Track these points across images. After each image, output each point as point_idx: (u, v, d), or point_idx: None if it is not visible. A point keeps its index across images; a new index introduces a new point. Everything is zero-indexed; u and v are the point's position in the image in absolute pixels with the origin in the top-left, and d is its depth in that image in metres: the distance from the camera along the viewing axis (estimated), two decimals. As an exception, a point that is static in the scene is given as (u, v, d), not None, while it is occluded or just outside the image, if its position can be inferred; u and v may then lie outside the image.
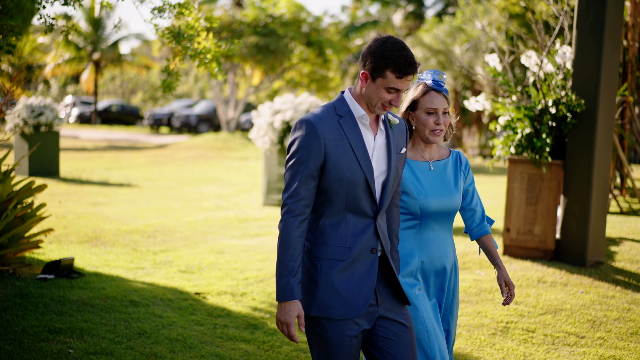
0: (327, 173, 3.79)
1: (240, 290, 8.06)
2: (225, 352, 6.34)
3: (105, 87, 71.70)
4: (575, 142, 9.27)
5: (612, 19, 9.06)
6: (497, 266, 4.59)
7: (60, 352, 6.04)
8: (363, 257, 3.85)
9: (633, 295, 8.31)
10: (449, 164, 4.61)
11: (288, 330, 3.75)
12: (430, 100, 4.44)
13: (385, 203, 3.89)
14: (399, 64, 3.72)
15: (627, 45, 15.01)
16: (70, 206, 13.31)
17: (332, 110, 3.87)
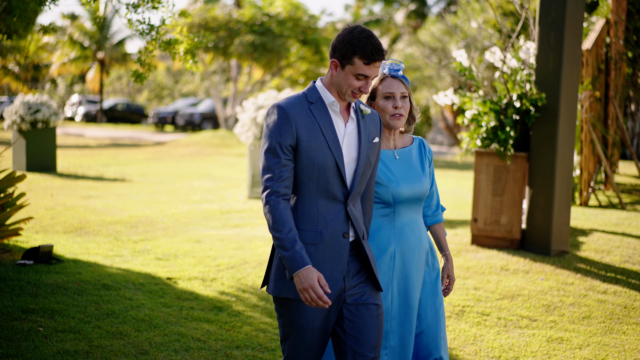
0: (299, 157, 3.89)
1: (210, 276, 8.39)
2: (187, 331, 6.68)
3: (112, 85, 72.11)
4: (538, 135, 9.59)
5: (572, 15, 9.36)
6: (445, 257, 4.73)
7: (31, 330, 6.38)
8: (334, 241, 3.95)
9: (592, 282, 8.62)
10: (413, 151, 4.69)
11: (316, 292, 3.76)
12: (388, 86, 4.54)
13: (356, 188, 3.99)
14: (366, 51, 3.85)
15: (610, 42, 15.28)
16: (61, 199, 13.68)
17: (304, 97, 4.00)
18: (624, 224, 11.52)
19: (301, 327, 3.96)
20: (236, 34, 29.03)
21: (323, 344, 4.05)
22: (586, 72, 13.25)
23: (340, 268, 3.96)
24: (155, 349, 6.23)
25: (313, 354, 4.03)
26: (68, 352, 5.99)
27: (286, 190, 3.86)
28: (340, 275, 3.96)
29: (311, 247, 3.91)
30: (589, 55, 13.37)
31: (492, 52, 10.04)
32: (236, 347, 6.43)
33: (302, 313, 3.93)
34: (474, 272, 8.88)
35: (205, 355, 6.20)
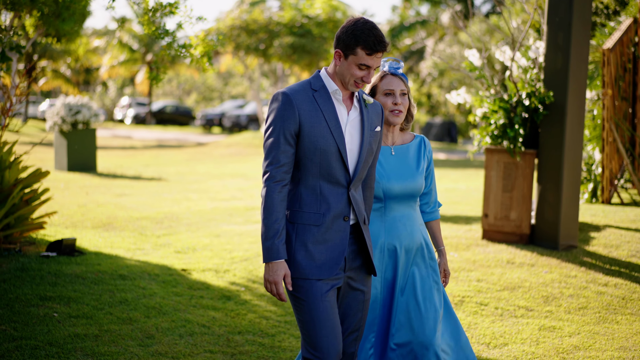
0: (302, 141, 4.04)
1: (224, 268, 8.77)
2: (194, 318, 7.06)
3: (162, 88, 73.11)
4: (547, 132, 9.82)
5: (579, 15, 9.58)
6: (440, 252, 4.90)
7: (46, 316, 6.80)
8: (336, 223, 4.11)
9: (594, 275, 8.84)
10: (411, 148, 4.82)
11: (276, 288, 4.03)
12: (388, 83, 4.67)
13: (358, 174, 4.14)
14: (369, 42, 3.98)
15: (638, 41, 15.35)
16: (95, 197, 14.18)
17: (308, 85, 4.14)
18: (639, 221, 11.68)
19: (314, 301, 4.09)
20: (276, 36, 29.47)
21: (337, 320, 4.17)
22: (607, 71, 13.40)
23: (341, 249, 4.12)
24: (161, 334, 6.61)
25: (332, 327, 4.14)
26: (78, 336, 6.39)
27: (284, 176, 4.03)
28: (340, 257, 4.12)
29: (313, 228, 4.09)
30: (611, 54, 13.50)
31: (502, 52, 10.28)
32: (238, 333, 6.78)
33: (309, 287, 4.08)
34: (479, 265, 9.15)
35: (208, 339, 6.57)
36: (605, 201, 13.75)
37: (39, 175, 8.88)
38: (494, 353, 6.61)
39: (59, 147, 19.77)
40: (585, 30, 9.68)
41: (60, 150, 19.67)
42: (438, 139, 46.97)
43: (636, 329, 7.28)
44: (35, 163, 19.82)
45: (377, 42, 4.01)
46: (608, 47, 13.42)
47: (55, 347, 6.10)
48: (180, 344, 6.42)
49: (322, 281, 4.11)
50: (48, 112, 19.53)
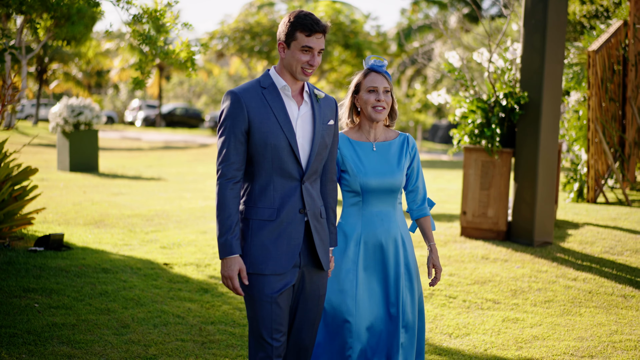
0: (252, 138, 4.12)
1: (205, 262, 9.07)
2: (170, 309, 7.35)
3: (173, 91, 73.52)
4: (523, 131, 10.09)
5: (554, 18, 9.85)
6: (430, 248, 4.89)
7: (27, 306, 7.11)
8: (290, 217, 4.17)
9: (565, 270, 9.11)
10: (393, 145, 4.87)
11: (232, 283, 4.10)
12: (371, 80, 4.74)
13: (310, 167, 4.22)
14: (306, 24, 4.10)
15: (628, 43, 15.55)
16: (91, 195, 14.50)
17: (257, 83, 4.22)
18: (620, 219, 11.93)
19: (263, 299, 4.16)
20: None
21: (287, 318, 4.26)
22: (592, 73, 13.64)
23: (296, 243, 4.20)
24: (136, 324, 6.90)
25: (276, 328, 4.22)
26: (56, 325, 6.69)
27: (235, 173, 4.10)
28: (296, 250, 4.20)
29: (268, 223, 4.15)
30: (597, 56, 13.74)
31: (480, 53, 10.56)
32: (211, 323, 7.07)
33: (262, 285, 4.15)
34: (454, 260, 9.42)
35: (181, 329, 6.86)
36: (591, 200, 13.99)
37: (28, 173, 9.19)
38: (454, 342, 6.87)
39: (61, 147, 20.12)
40: (561, 32, 9.93)
41: (63, 151, 20.01)
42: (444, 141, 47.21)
43: (597, 320, 7.54)
44: (39, 163, 20.26)
45: (314, 22, 4.12)
46: (593, 49, 13.66)
47: (32, 335, 6.40)
48: (154, 333, 6.71)
49: (277, 277, 4.18)
50: (51, 113, 19.88)
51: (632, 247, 10.10)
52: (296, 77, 4.21)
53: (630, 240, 10.45)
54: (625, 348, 6.72)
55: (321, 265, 4.35)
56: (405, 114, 43.32)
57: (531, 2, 9.91)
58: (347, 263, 4.74)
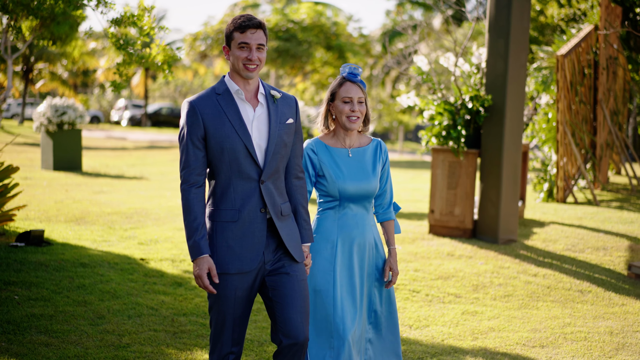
0: (209, 144, 4.32)
1: (180, 258, 9.42)
2: (144, 301, 7.70)
3: (160, 90, 73.70)
4: (488, 133, 10.48)
5: (517, 24, 10.24)
6: (389, 252, 5.05)
7: (7, 298, 7.44)
8: (252, 216, 4.36)
9: (526, 266, 9.50)
10: (368, 151, 4.99)
11: (202, 282, 4.28)
12: (346, 90, 4.85)
13: (268, 166, 4.38)
14: (238, 23, 4.32)
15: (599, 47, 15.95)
16: (73, 194, 14.82)
17: (212, 91, 4.41)
18: (586, 218, 12.34)
19: (225, 296, 4.37)
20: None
21: (246, 313, 4.49)
22: (561, 76, 14.04)
23: (259, 241, 4.39)
24: (112, 315, 7.25)
25: (237, 322, 4.46)
26: (35, 316, 7.03)
27: (197, 178, 4.33)
28: (259, 249, 4.39)
29: (231, 224, 4.35)
30: (565, 60, 14.15)
31: (447, 58, 10.95)
32: (183, 315, 7.43)
33: (224, 284, 4.35)
34: (420, 256, 9.80)
35: (154, 320, 7.20)
36: (560, 200, 14.40)
37: (10, 171, 9.51)
38: (414, 333, 7.24)
39: (45, 147, 20.39)
40: (524, 38, 10.33)
41: (47, 150, 20.29)
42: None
43: (552, 314, 7.94)
44: (24, 162, 20.55)
45: (246, 19, 4.33)
46: (562, 54, 14.06)
47: (12, 325, 6.74)
48: (128, 323, 7.05)
49: (242, 275, 4.38)
50: (35, 113, 20.15)
51: (594, 244, 10.51)
52: (241, 75, 4.39)
53: (593, 238, 10.85)
54: (575, 339, 7.10)
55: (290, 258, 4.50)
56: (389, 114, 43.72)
57: (495, 9, 10.30)
58: (323, 264, 4.88)
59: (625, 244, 10.59)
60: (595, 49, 15.95)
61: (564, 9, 25.05)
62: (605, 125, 16.44)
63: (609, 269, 9.56)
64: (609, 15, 16.48)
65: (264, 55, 4.46)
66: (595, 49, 15.94)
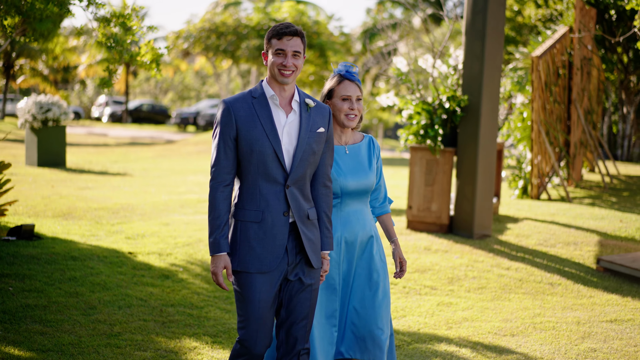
0: (240, 145, 4.40)
1: (167, 251, 9.75)
2: (133, 293, 8.04)
3: (140, 87, 73.75)
4: (464, 132, 10.88)
5: (493, 27, 10.63)
6: (394, 243, 5.15)
7: (2, 290, 7.75)
8: (275, 219, 4.44)
9: (500, 260, 9.90)
10: (362, 147, 5.08)
11: (217, 279, 4.42)
12: (345, 88, 4.93)
13: (295, 172, 4.46)
14: (276, 30, 4.45)
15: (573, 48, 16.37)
16: (59, 189, 15.11)
17: (249, 93, 4.51)
18: (558, 214, 12.77)
19: (248, 298, 4.44)
20: (244, 38, 30.47)
21: (271, 315, 4.53)
22: (536, 77, 14.47)
23: (281, 243, 4.46)
24: (102, 305, 7.58)
25: (262, 323, 4.48)
26: (29, 306, 7.36)
27: (226, 177, 4.43)
28: (281, 251, 4.46)
29: (254, 225, 4.44)
30: (540, 61, 14.57)
31: (425, 59, 11.34)
32: (171, 305, 7.77)
33: (247, 283, 4.45)
34: (398, 251, 10.18)
35: (144, 310, 7.54)
36: (534, 197, 14.83)
37: (2, 167, 9.81)
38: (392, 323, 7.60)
39: (29, 143, 20.62)
40: (499, 40, 10.72)
41: (31, 147, 20.52)
42: (406, 139, 47.90)
43: (524, 305, 8.34)
44: (8, 158, 20.75)
45: (284, 27, 4.47)
46: (537, 55, 14.48)
47: (8, 315, 7.06)
48: (119, 313, 7.39)
49: (263, 274, 4.45)
50: (18, 109, 20.36)
51: (565, 239, 10.92)
52: (277, 80, 4.49)
53: (564, 233, 11.27)
54: (544, 328, 7.50)
55: (309, 263, 4.57)
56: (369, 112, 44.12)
57: (472, 13, 10.68)
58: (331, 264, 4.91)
59: (595, 239, 11.01)
60: (569, 50, 16.38)
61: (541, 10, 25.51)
62: (579, 124, 16.88)
63: (578, 262, 9.98)
64: (583, 17, 16.91)
65: (301, 62, 4.55)
66: (569, 50, 16.37)
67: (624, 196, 15.64)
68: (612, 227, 11.92)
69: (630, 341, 7.14)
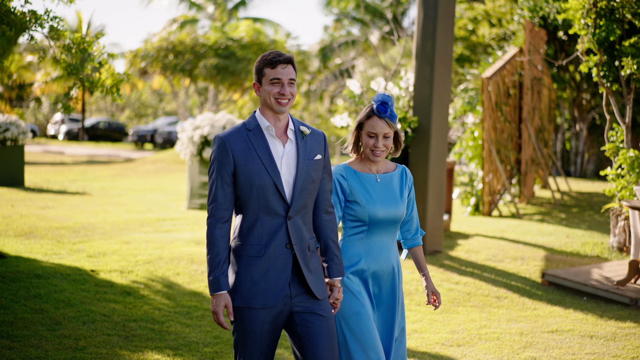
0: (238, 179, 4.33)
1: (128, 269, 10.04)
2: (96, 309, 8.33)
3: (97, 104, 73.49)
4: (415, 152, 11.31)
5: (442, 52, 11.10)
6: (425, 276, 5.08)
7: (-32, 307, 8.04)
8: (278, 252, 4.36)
9: (449, 275, 10.32)
10: (394, 177, 4.98)
11: (217, 318, 4.34)
12: (372, 125, 4.83)
13: (296, 203, 4.40)
14: (269, 59, 4.36)
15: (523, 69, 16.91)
16: (19, 209, 15.30)
17: (243, 126, 4.43)
18: (508, 231, 13.26)
19: (252, 331, 4.36)
20: (202, 57, 30.78)
21: (272, 349, 4.47)
22: (486, 97, 14.97)
23: (285, 276, 4.39)
24: (67, 321, 7.87)
25: (264, 357, 4.44)
26: (-4, 322, 7.65)
27: (223, 213, 4.37)
28: (285, 283, 4.38)
29: (257, 259, 4.37)
30: (490, 82, 15.08)
31: (377, 82, 11.78)
32: (133, 320, 8.08)
33: (250, 318, 4.36)
34: (352, 267, 10.56)
35: (107, 325, 7.84)
36: (486, 214, 15.32)
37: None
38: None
39: (-12, 162, 20.76)
40: (448, 64, 11.19)
41: (-10, 166, 20.66)
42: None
43: (471, 317, 8.76)
44: (-35, 178, 20.83)
45: (276, 55, 4.37)
46: (487, 76, 14.99)
47: (-25, 331, 7.34)
48: (83, 328, 7.68)
49: (267, 309, 4.37)
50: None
51: (513, 255, 11.39)
52: (273, 109, 4.40)
53: (512, 249, 11.74)
54: (489, 339, 7.92)
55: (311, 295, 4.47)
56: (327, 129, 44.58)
57: (422, 37, 11.14)
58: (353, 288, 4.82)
59: (542, 254, 11.49)
60: (520, 70, 16.93)
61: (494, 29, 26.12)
62: (530, 142, 17.43)
63: (524, 277, 10.44)
64: (533, 38, 17.49)
65: (295, 89, 4.47)
66: (520, 71, 16.92)
67: (572, 212, 16.19)
68: (559, 243, 12.42)
69: (569, 350, 7.58)
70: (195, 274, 9.93)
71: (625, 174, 10.76)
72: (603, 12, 10.73)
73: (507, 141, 16.52)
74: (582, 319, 8.68)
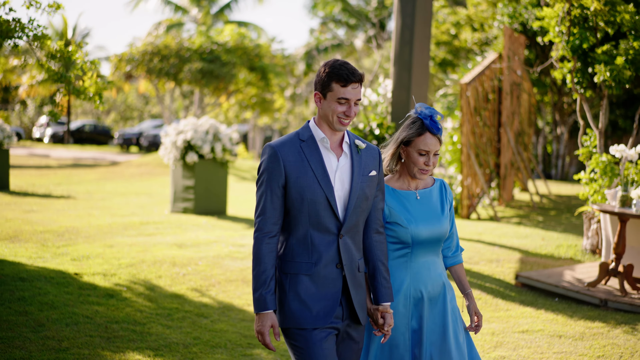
0: (289, 192, 4.12)
1: (111, 272, 10.25)
2: (79, 311, 8.54)
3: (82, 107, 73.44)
4: (393, 157, 11.57)
5: (419, 59, 11.36)
6: (467, 296, 4.77)
7: (-46, 309, 8.24)
8: (327, 271, 4.16)
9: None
10: (434, 192, 4.71)
11: (263, 339, 4.14)
12: (425, 143, 4.56)
13: (349, 220, 4.18)
14: (342, 75, 4.06)
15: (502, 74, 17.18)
16: (4, 213, 15.48)
17: (296, 136, 4.21)
18: (485, 233, 13.51)
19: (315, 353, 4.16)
20: (187, 61, 30.97)
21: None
22: (464, 102, 15.24)
23: (335, 297, 4.19)
24: (51, 323, 8.07)
25: None
26: (-19, 324, 7.84)
27: (272, 227, 4.15)
28: (335, 304, 4.19)
29: (306, 278, 4.16)
30: (468, 87, 15.35)
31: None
32: (115, 322, 8.28)
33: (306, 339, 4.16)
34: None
35: (90, 327, 8.05)
36: (465, 217, 15.58)
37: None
38: None
39: (-27, 166, 20.90)
40: (425, 71, 11.45)
41: (-25, 170, 20.80)
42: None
43: (445, 318, 8.99)
44: (-50, 182, 20.97)
45: (350, 73, 4.10)
46: (466, 82, 15.26)
47: (-39, 333, 7.54)
48: (66, 330, 7.89)
49: (318, 329, 4.17)
50: (-37, 133, 20.61)
51: (489, 257, 11.63)
52: (333, 127, 4.20)
53: (488, 251, 12.00)
54: (462, 339, 8.16)
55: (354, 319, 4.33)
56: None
57: (399, 45, 11.40)
58: (398, 319, 4.58)
59: (517, 257, 11.75)
60: (499, 75, 17.19)
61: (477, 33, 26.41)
62: (509, 146, 17.70)
63: (499, 279, 10.68)
64: (512, 43, 17.75)
65: (358, 109, 4.32)
66: (499, 76, 17.19)
67: (550, 215, 16.47)
68: (534, 245, 12.69)
69: (538, 349, 7.83)
70: (177, 277, 10.14)
71: (597, 178, 11.03)
72: (577, 20, 10.99)
73: (486, 145, 16.79)
74: (552, 320, 8.93)
